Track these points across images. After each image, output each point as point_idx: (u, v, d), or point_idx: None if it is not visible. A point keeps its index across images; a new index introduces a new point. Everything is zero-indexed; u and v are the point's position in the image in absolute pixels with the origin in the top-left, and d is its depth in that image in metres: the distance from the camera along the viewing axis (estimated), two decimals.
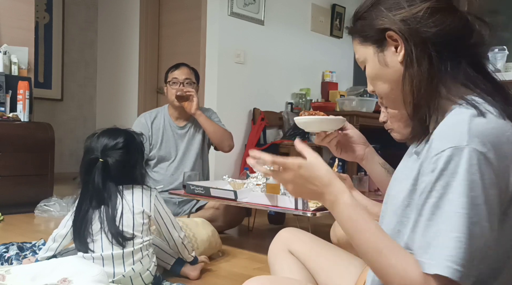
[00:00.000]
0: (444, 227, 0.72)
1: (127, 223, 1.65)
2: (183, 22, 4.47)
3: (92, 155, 1.67)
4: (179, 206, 2.77)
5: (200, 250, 2.03)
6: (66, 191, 3.56)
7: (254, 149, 0.98)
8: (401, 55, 0.85)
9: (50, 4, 5.20)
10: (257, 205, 2.12)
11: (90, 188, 1.66)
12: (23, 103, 3.34)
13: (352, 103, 4.15)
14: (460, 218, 0.71)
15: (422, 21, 0.82)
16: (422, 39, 0.83)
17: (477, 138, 0.73)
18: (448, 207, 0.72)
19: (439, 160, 0.74)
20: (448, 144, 0.74)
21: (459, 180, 0.72)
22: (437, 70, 0.83)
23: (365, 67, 0.94)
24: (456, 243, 0.71)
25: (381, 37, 0.88)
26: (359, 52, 0.94)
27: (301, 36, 4.68)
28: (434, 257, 0.72)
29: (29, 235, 2.51)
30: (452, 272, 0.70)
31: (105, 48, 5.40)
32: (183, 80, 2.81)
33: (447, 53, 0.83)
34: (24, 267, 1.56)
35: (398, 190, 0.88)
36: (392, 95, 0.91)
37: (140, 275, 1.68)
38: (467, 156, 0.72)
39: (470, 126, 0.74)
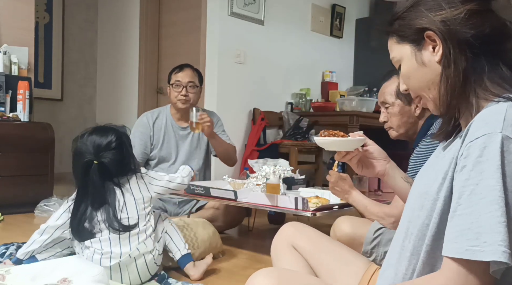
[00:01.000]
0: (487, 213, 0.72)
1: (132, 214, 1.72)
2: (183, 22, 4.47)
3: (85, 158, 1.69)
4: (179, 206, 2.77)
5: (200, 249, 2.04)
6: (66, 191, 3.56)
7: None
8: (439, 55, 0.87)
9: (50, 4, 5.20)
10: (257, 205, 2.12)
11: (89, 190, 1.69)
12: (23, 103, 3.34)
13: (352, 103, 4.15)
14: (502, 203, 0.72)
15: (462, 23, 0.84)
16: (461, 41, 0.84)
17: (511, 127, 0.75)
18: (487, 192, 0.73)
19: (473, 147, 0.76)
20: (483, 132, 0.75)
21: (494, 166, 0.73)
22: (473, 71, 0.85)
23: (400, 66, 0.96)
24: (504, 228, 0.71)
25: (419, 36, 0.89)
26: (395, 51, 0.96)
27: (301, 36, 4.68)
28: (486, 244, 0.72)
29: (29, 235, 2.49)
30: (508, 257, 0.70)
31: (105, 48, 5.40)
32: (186, 83, 2.79)
33: (483, 55, 0.85)
34: (24, 267, 1.56)
35: (424, 185, 0.88)
36: (429, 94, 0.92)
37: (144, 258, 1.71)
38: (500, 143, 0.73)
39: (506, 115, 0.76)
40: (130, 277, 1.71)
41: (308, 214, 1.95)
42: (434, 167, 0.91)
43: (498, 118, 0.76)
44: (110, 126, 1.81)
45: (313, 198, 2.11)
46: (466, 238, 0.74)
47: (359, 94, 4.78)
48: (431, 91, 0.92)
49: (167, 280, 1.77)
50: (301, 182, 2.45)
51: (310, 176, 4.09)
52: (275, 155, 3.84)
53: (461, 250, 0.74)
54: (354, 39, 5.31)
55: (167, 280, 1.77)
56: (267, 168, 2.32)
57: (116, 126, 1.83)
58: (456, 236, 0.75)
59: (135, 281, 1.73)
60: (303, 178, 2.51)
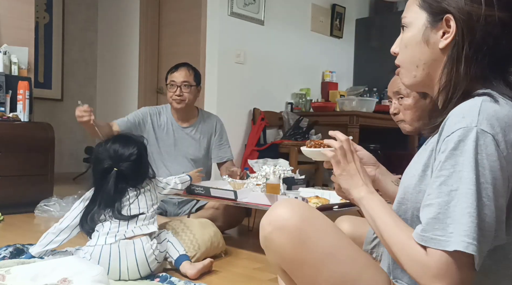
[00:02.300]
0: (456, 204, 0.74)
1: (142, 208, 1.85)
2: (183, 22, 4.47)
3: (106, 164, 1.83)
4: (178, 206, 2.76)
5: (202, 250, 2.03)
6: (66, 191, 3.56)
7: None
8: (445, 43, 0.86)
9: (50, 4, 5.20)
10: (257, 205, 2.12)
11: (102, 191, 1.82)
12: (23, 103, 3.34)
13: (352, 103, 4.15)
14: (471, 195, 0.73)
15: (487, 26, 0.82)
16: (479, 42, 0.82)
17: (486, 120, 0.75)
18: (458, 184, 0.74)
19: (449, 141, 0.77)
20: (458, 126, 0.77)
21: (467, 158, 0.74)
22: (479, 74, 0.84)
23: (404, 29, 0.93)
24: (469, 218, 0.73)
25: (439, 15, 0.86)
26: (410, 12, 0.92)
27: (301, 36, 4.68)
28: (450, 234, 0.74)
29: (29, 235, 2.50)
30: (467, 246, 0.72)
31: (105, 48, 5.40)
32: (180, 83, 2.77)
33: (494, 64, 0.84)
34: (24, 267, 1.56)
35: (408, 178, 0.91)
36: (414, 72, 0.92)
37: (141, 243, 1.75)
38: (475, 136, 0.74)
39: (480, 109, 0.77)
40: (128, 264, 1.73)
41: None
42: (414, 161, 0.93)
43: (473, 112, 0.77)
44: (132, 136, 1.97)
45: (313, 198, 2.12)
46: (434, 227, 0.76)
47: (359, 94, 4.78)
48: (417, 70, 0.91)
49: (169, 279, 1.77)
50: (301, 182, 2.45)
51: (310, 176, 4.10)
52: (275, 155, 3.84)
53: (427, 239, 0.76)
54: (354, 39, 5.31)
55: (170, 279, 1.77)
56: (267, 168, 2.32)
57: (135, 136, 1.98)
58: (425, 224, 0.78)
59: (133, 272, 1.74)
60: (303, 178, 2.51)
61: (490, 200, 0.74)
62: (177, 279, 1.77)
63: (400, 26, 0.95)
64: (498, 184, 0.74)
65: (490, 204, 0.74)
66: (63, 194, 3.37)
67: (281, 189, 2.21)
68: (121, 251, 1.73)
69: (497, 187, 0.74)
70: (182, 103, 2.77)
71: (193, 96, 2.82)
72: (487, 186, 0.74)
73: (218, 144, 2.94)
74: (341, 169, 1.02)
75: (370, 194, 0.96)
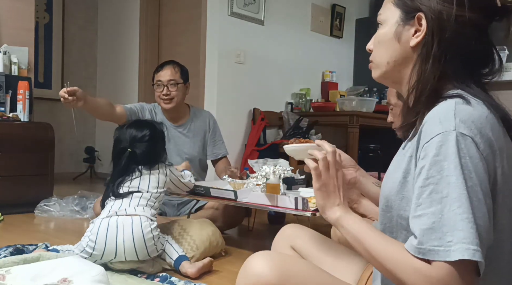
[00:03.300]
0: (450, 210, 0.71)
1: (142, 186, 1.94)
2: (183, 22, 4.47)
3: (121, 145, 2.00)
4: (177, 208, 2.74)
5: (200, 250, 2.03)
6: (66, 191, 3.57)
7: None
8: (416, 41, 0.86)
9: (50, 4, 5.20)
10: (257, 205, 2.12)
11: (118, 170, 1.98)
12: (23, 103, 3.34)
13: (352, 103, 4.15)
14: (465, 199, 0.71)
15: (459, 27, 0.82)
16: (449, 42, 0.82)
17: (463, 124, 0.75)
18: (448, 190, 0.72)
19: (430, 147, 0.75)
20: (437, 131, 0.75)
21: (453, 163, 0.73)
22: (448, 74, 0.83)
23: (379, 26, 0.94)
24: (468, 223, 0.70)
25: (412, 13, 0.87)
26: (386, 10, 0.93)
27: (301, 36, 4.68)
28: (449, 243, 0.71)
29: (29, 235, 2.51)
30: (473, 254, 0.69)
31: (105, 48, 5.40)
32: (166, 82, 2.70)
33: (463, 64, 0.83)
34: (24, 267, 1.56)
35: (389, 186, 0.88)
36: (383, 68, 0.93)
37: (140, 221, 1.80)
38: (455, 140, 0.73)
39: (455, 112, 0.76)
40: (124, 238, 1.76)
41: (308, 214, 1.95)
42: (394, 167, 0.90)
43: (449, 116, 0.76)
44: (149, 121, 2.17)
45: (313, 198, 2.11)
46: (430, 238, 0.73)
47: (359, 94, 4.78)
48: (387, 66, 0.91)
49: (170, 279, 1.77)
50: (301, 182, 2.45)
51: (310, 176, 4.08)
52: (275, 155, 3.84)
53: (425, 251, 0.73)
54: (354, 39, 5.31)
55: (170, 279, 1.77)
56: (267, 168, 2.31)
57: (152, 121, 2.17)
58: (421, 236, 0.74)
59: (129, 248, 1.77)
60: (303, 178, 2.51)
61: (480, 203, 0.72)
62: (177, 279, 1.77)
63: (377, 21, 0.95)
64: (484, 185, 0.73)
65: (482, 206, 0.72)
66: (63, 194, 3.37)
67: (281, 189, 2.21)
68: (119, 225, 1.79)
69: (484, 188, 0.73)
70: (170, 102, 2.71)
71: (181, 94, 2.75)
72: (476, 189, 0.72)
73: (212, 140, 2.90)
74: (320, 183, 0.94)
75: (347, 213, 0.90)
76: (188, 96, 2.88)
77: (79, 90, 2.28)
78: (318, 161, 0.94)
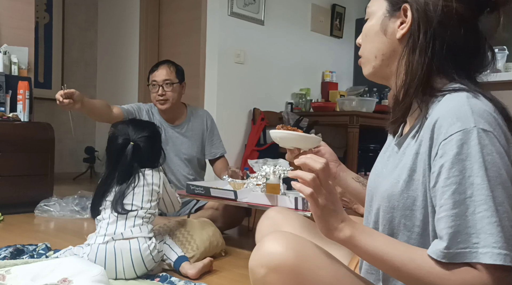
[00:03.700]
0: (475, 212, 0.69)
1: (136, 202, 1.83)
2: (183, 22, 4.47)
3: (121, 139, 1.88)
4: None
5: (201, 250, 2.03)
6: (66, 191, 3.57)
7: None
8: (401, 33, 0.85)
9: (50, 4, 5.20)
10: (257, 205, 2.12)
11: (120, 166, 1.86)
12: (23, 103, 3.34)
13: (352, 103, 4.15)
14: (491, 201, 0.68)
15: (445, 18, 0.80)
16: (434, 33, 0.80)
17: (482, 118, 0.72)
18: (472, 191, 0.70)
19: (449, 145, 0.72)
20: (456, 128, 0.72)
21: (477, 163, 0.70)
22: (435, 65, 0.81)
23: (367, 19, 0.93)
24: (497, 227, 0.68)
25: (398, 4, 0.86)
26: (373, 2, 0.92)
27: (301, 36, 4.68)
28: (477, 245, 0.68)
29: (29, 235, 2.51)
30: (504, 258, 0.67)
31: (105, 48, 5.40)
32: (162, 82, 2.67)
33: (450, 56, 0.82)
34: (24, 267, 1.56)
35: (390, 185, 0.84)
36: (372, 62, 0.91)
37: (138, 244, 1.74)
38: (477, 138, 0.71)
39: (471, 107, 0.73)
40: (124, 264, 1.73)
41: (308, 214, 1.95)
42: (392, 166, 0.87)
43: (466, 112, 0.73)
44: (146, 121, 2.13)
45: None
46: (456, 241, 0.70)
47: (359, 94, 4.78)
48: (376, 61, 0.90)
49: (169, 279, 1.77)
50: None
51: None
52: (275, 155, 3.83)
53: (452, 255, 0.71)
54: (354, 39, 5.31)
55: (170, 279, 1.77)
56: (267, 168, 2.31)
57: (149, 121, 2.13)
58: (445, 239, 0.71)
59: (129, 272, 1.74)
60: None
61: (505, 205, 0.69)
62: (177, 279, 1.77)
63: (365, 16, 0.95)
64: (508, 186, 0.70)
65: (507, 206, 0.69)
66: (63, 194, 3.37)
67: (281, 189, 2.21)
68: (117, 251, 1.73)
69: (508, 188, 0.70)
70: (166, 103, 2.69)
71: (177, 94, 2.72)
72: (501, 189, 0.69)
73: (210, 140, 2.88)
74: (320, 208, 0.81)
75: (356, 229, 0.81)
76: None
77: (76, 92, 2.25)
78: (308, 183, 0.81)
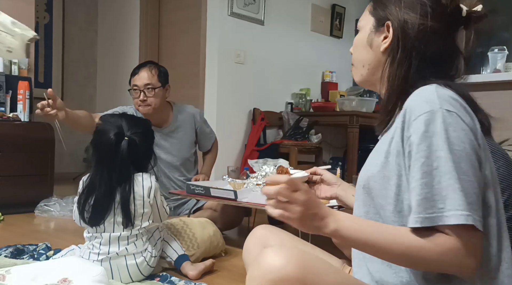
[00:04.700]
0: (441, 181, 0.78)
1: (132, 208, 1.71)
2: (183, 22, 4.47)
3: (113, 133, 1.66)
4: (174, 211, 2.72)
5: (201, 249, 2.03)
6: (66, 191, 3.56)
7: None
8: (384, 47, 0.96)
9: (50, 4, 5.20)
10: (257, 205, 2.12)
11: (112, 166, 1.66)
12: (23, 103, 3.34)
13: (352, 103, 4.15)
14: (454, 171, 0.78)
15: (420, 33, 0.91)
16: (411, 47, 0.91)
17: (446, 101, 0.82)
18: (439, 163, 0.79)
19: (418, 123, 0.82)
20: (424, 109, 0.82)
21: (441, 138, 0.79)
22: (412, 75, 0.91)
23: (358, 32, 1.04)
24: (459, 193, 0.77)
25: (383, 21, 0.96)
26: (363, 18, 1.03)
27: (301, 36, 4.68)
28: (442, 210, 0.77)
29: (29, 235, 2.51)
30: (466, 218, 0.76)
31: (105, 48, 5.40)
32: (143, 87, 2.57)
33: (426, 67, 0.91)
34: (24, 267, 1.56)
35: (370, 168, 0.93)
36: (361, 71, 1.03)
37: (134, 259, 1.71)
38: (442, 117, 0.80)
39: (438, 93, 0.83)
40: (121, 279, 1.71)
41: None
42: (374, 156, 0.96)
43: (433, 96, 0.83)
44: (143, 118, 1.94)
45: None
46: (425, 207, 0.79)
47: (359, 94, 4.78)
48: (363, 69, 1.02)
49: (170, 279, 1.77)
50: None
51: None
52: (275, 155, 3.84)
53: (422, 219, 0.79)
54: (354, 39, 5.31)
55: (170, 279, 1.77)
56: (267, 168, 2.31)
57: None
58: (417, 206, 0.80)
59: (127, 281, 1.73)
60: None
61: (468, 174, 0.78)
62: (177, 279, 1.77)
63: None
64: (472, 158, 0.79)
65: (470, 176, 0.78)
66: (63, 194, 3.37)
67: None
68: (113, 268, 1.70)
69: (472, 160, 0.79)
70: (148, 108, 2.59)
71: (159, 99, 2.61)
72: (463, 161, 0.78)
73: (202, 135, 2.86)
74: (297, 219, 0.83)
75: (340, 221, 0.83)
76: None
77: (59, 99, 2.17)
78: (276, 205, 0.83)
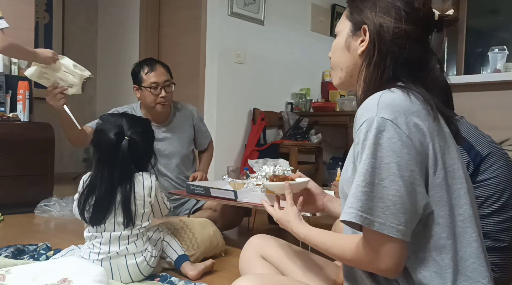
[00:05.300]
0: (356, 183, 0.85)
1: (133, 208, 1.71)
2: (183, 22, 4.47)
3: (113, 133, 1.66)
4: (173, 212, 2.70)
5: (201, 249, 2.03)
6: (66, 191, 3.56)
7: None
8: (361, 50, 0.98)
9: (50, 4, 5.20)
10: (257, 205, 2.12)
11: (113, 166, 1.66)
12: (23, 103, 3.34)
13: (352, 103, 4.15)
14: (367, 175, 0.83)
15: (395, 37, 0.93)
16: (387, 50, 0.94)
17: (384, 109, 0.86)
18: (360, 167, 0.85)
19: (360, 133, 0.87)
20: (363, 118, 0.87)
21: (368, 144, 0.85)
22: (387, 77, 0.94)
23: (336, 36, 1.06)
24: (363, 195, 0.83)
25: (359, 25, 0.99)
26: (341, 22, 1.06)
27: (301, 36, 4.68)
28: (345, 208, 0.86)
29: (29, 235, 2.51)
30: (355, 217, 0.83)
31: (105, 48, 5.40)
32: (163, 83, 2.55)
33: (400, 68, 0.94)
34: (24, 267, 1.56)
35: (344, 174, 0.98)
36: (339, 74, 1.06)
37: (134, 259, 1.71)
38: (376, 124, 0.85)
39: (379, 101, 0.87)
40: (121, 278, 1.72)
41: (308, 214, 1.95)
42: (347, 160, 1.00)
43: (373, 104, 0.87)
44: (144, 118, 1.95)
45: None
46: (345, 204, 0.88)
47: None
48: (341, 72, 1.05)
49: (170, 279, 1.77)
50: None
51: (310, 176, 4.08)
52: (275, 155, 3.84)
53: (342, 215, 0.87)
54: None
55: (170, 279, 1.77)
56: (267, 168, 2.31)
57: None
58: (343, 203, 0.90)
59: (127, 281, 1.74)
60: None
61: (393, 176, 0.82)
62: (177, 279, 1.77)
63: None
64: (403, 161, 0.83)
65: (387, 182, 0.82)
66: (63, 194, 3.37)
67: None
68: (113, 267, 1.70)
69: (402, 163, 0.83)
70: (167, 105, 2.58)
71: (172, 95, 2.63)
72: (389, 165, 0.83)
73: (199, 133, 2.85)
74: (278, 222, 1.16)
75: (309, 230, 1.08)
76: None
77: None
78: None
